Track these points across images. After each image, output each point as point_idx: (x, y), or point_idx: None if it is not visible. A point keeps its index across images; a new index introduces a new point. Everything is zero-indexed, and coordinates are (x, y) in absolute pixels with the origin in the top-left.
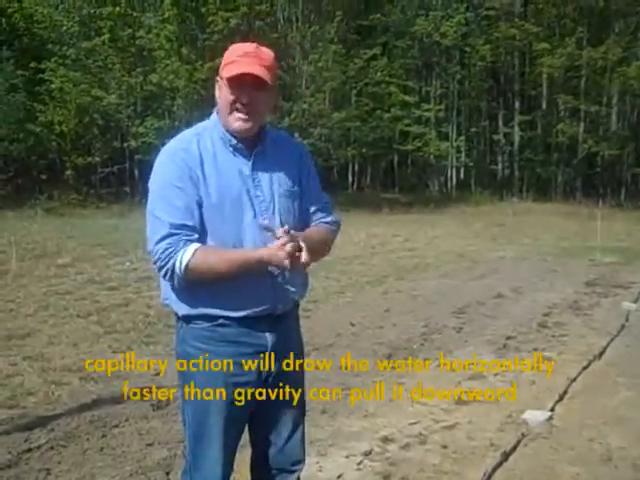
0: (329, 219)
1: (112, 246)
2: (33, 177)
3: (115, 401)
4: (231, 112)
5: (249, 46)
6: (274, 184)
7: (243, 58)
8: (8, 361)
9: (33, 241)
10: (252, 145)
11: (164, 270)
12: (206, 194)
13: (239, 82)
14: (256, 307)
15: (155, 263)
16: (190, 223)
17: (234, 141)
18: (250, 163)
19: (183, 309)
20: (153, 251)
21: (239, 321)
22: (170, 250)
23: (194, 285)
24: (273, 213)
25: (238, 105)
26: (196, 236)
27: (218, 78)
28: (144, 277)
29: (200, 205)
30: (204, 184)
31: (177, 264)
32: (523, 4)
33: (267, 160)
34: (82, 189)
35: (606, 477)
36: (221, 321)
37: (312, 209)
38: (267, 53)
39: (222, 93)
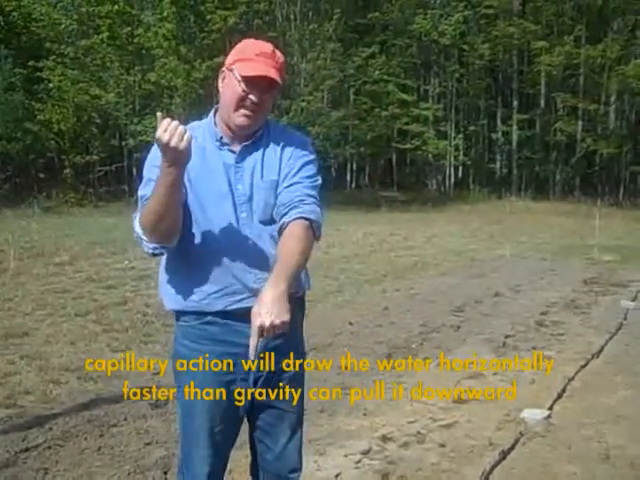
0: (299, 215)
1: (110, 245)
2: (31, 176)
3: (113, 400)
4: (237, 108)
5: (266, 46)
6: (255, 177)
7: (260, 58)
8: (6, 360)
9: (31, 240)
10: (242, 140)
11: (136, 238)
12: (188, 186)
13: (254, 82)
14: (237, 297)
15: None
16: None
17: (219, 134)
18: (234, 156)
19: (169, 303)
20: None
21: (225, 317)
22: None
23: (171, 276)
24: (251, 206)
25: (247, 102)
26: None
27: (226, 69)
28: (142, 276)
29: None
30: (186, 177)
31: (135, 226)
32: (521, 2)
33: (255, 154)
34: (80, 188)
35: (604, 475)
36: (209, 318)
37: (283, 196)
38: (280, 56)
39: (230, 86)
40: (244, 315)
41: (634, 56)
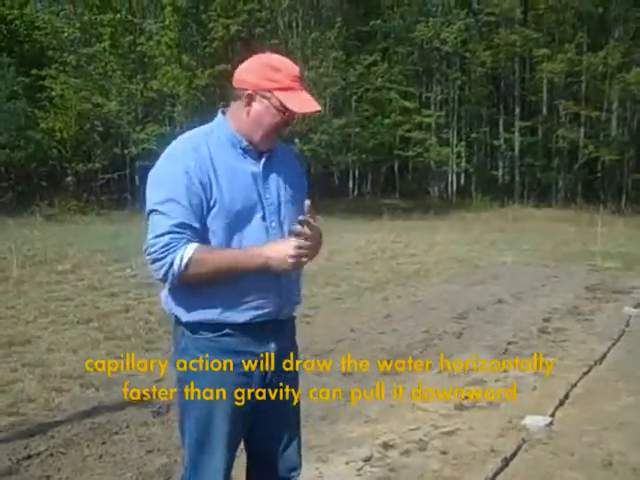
0: None
1: (112, 252)
2: (34, 184)
3: (115, 408)
4: (275, 134)
5: (294, 68)
6: (281, 188)
7: (296, 84)
8: (8, 368)
9: (33, 248)
10: (262, 150)
11: (159, 264)
12: (218, 195)
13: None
14: (261, 310)
15: (150, 255)
16: (196, 225)
17: (245, 143)
18: (260, 165)
19: (186, 315)
20: (151, 243)
21: (244, 329)
22: (172, 245)
23: (190, 288)
24: (279, 216)
25: (284, 128)
26: (198, 239)
27: (254, 92)
28: (145, 283)
29: (209, 208)
30: (217, 185)
31: (177, 260)
32: (523, 10)
33: (274, 164)
34: (82, 196)
35: None
36: (226, 331)
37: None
38: None
39: (269, 114)
40: (262, 325)
41: (636, 63)
